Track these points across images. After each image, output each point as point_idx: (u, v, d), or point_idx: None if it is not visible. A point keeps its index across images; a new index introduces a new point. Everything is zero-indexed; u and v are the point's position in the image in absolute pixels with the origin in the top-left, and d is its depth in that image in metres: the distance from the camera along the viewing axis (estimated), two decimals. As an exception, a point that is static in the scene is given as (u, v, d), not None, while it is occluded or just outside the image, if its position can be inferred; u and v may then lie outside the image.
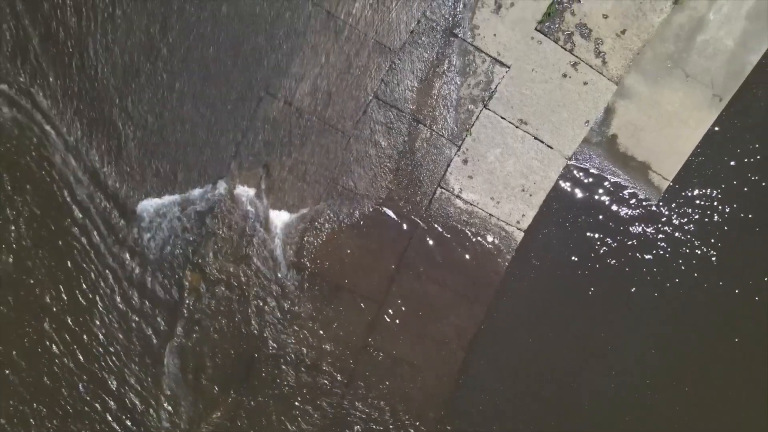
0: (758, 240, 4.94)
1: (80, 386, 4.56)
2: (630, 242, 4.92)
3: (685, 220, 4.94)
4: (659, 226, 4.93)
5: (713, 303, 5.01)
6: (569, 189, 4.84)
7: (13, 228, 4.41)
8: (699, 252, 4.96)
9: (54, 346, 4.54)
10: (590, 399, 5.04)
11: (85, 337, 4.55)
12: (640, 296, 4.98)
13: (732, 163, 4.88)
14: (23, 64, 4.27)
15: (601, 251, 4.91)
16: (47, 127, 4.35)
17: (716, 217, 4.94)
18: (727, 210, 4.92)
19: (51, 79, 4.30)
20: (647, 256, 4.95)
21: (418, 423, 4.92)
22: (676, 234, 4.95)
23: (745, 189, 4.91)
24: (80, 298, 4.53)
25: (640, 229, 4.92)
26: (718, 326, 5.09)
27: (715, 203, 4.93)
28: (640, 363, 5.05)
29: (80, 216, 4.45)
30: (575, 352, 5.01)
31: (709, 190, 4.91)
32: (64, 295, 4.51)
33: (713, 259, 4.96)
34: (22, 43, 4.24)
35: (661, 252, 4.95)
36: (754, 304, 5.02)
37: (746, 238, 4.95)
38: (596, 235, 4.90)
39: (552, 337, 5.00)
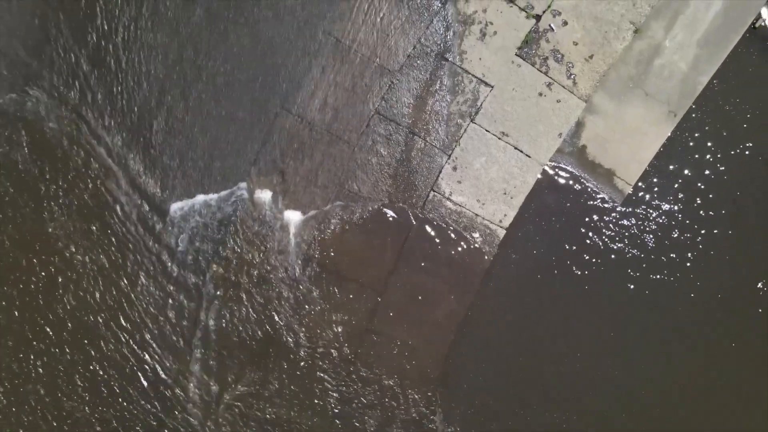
0: (709, 236, 5.67)
1: (121, 360, 5.26)
2: (597, 238, 5.64)
3: (645, 219, 5.67)
4: (623, 224, 5.65)
5: (670, 290, 5.73)
6: (545, 192, 5.54)
7: (62, 226, 5.08)
8: (655, 246, 5.68)
9: (98, 329, 5.22)
10: (560, 376, 5.75)
11: (125, 320, 5.23)
12: (606, 285, 5.68)
13: (685, 170, 5.61)
14: (73, 85, 4.94)
15: (573, 246, 5.62)
16: (92, 139, 5.03)
17: (671, 217, 5.66)
18: (681, 210, 5.65)
19: (97, 98, 4.97)
20: (612, 250, 5.66)
21: (413, 394, 5.63)
22: (637, 231, 5.67)
23: (697, 192, 5.63)
24: (121, 286, 5.21)
25: (606, 227, 5.63)
26: (680, 310, 5.80)
27: (671, 204, 5.65)
28: (604, 342, 5.76)
29: (121, 215, 5.13)
30: (550, 335, 5.72)
31: (665, 194, 5.63)
32: (107, 283, 5.19)
33: (668, 251, 5.68)
34: (72, 67, 4.91)
35: (625, 246, 5.67)
36: (706, 288, 5.75)
37: (698, 234, 5.68)
38: (568, 232, 5.60)
39: (530, 322, 5.70)
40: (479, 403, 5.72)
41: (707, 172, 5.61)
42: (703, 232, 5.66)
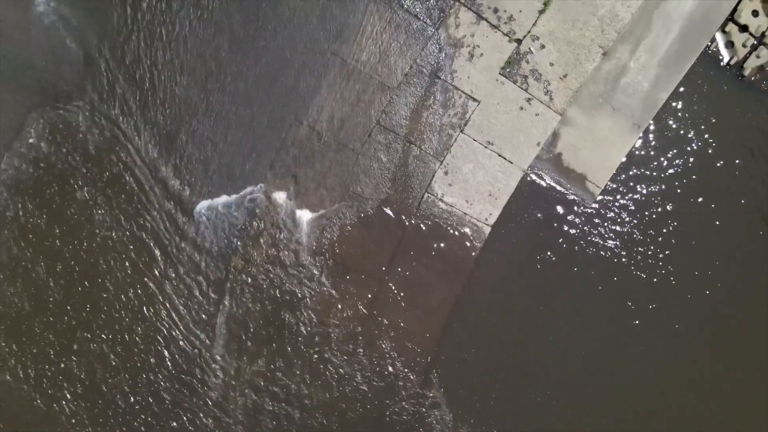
0: (668, 230, 6.45)
1: (152, 339, 5.99)
2: (571, 234, 6.39)
3: (612, 217, 6.44)
4: (593, 221, 6.42)
5: (636, 277, 6.51)
6: (526, 194, 6.28)
7: (99, 222, 5.78)
8: (622, 239, 6.45)
9: (131, 312, 5.94)
10: (541, 354, 6.52)
11: (156, 305, 5.95)
12: (580, 273, 6.43)
13: (647, 174, 6.38)
14: (111, 100, 5.63)
15: (550, 241, 6.37)
16: (129, 147, 5.72)
17: (635, 215, 6.43)
18: (644, 209, 6.42)
19: (132, 111, 5.67)
20: (585, 244, 6.43)
21: (408, 372, 6.38)
22: (606, 227, 6.44)
23: (658, 194, 6.41)
24: (150, 276, 5.92)
25: (578, 224, 6.39)
26: (646, 294, 6.57)
27: (635, 204, 6.43)
28: (579, 323, 6.51)
29: (153, 214, 5.84)
30: (532, 319, 6.44)
31: (630, 195, 6.41)
32: (139, 274, 5.90)
33: (633, 244, 6.45)
34: (111, 85, 5.60)
35: (595, 240, 6.44)
36: (666, 275, 6.53)
37: (659, 229, 6.46)
38: (546, 229, 6.34)
39: (514, 308, 6.43)
40: (470, 377, 6.45)
41: (667, 176, 6.39)
42: (663, 227, 6.45)
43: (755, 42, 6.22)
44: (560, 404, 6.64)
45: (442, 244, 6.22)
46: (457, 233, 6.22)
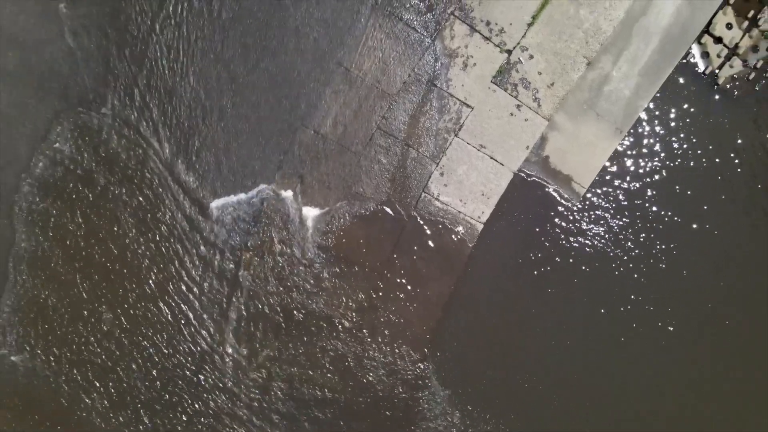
0: (647, 229, 6.92)
1: (168, 330, 6.43)
2: (558, 231, 6.85)
3: (596, 215, 6.89)
4: (578, 219, 6.87)
5: (616, 267, 6.96)
6: (515, 194, 6.73)
7: (121, 220, 6.22)
8: (604, 234, 6.91)
9: (150, 305, 6.38)
10: (530, 341, 6.98)
11: (171, 299, 6.39)
12: (565, 267, 6.87)
13: (628, 175, 6.85)
14: (131, 106, 6.07)
15: (538, 238, 6.83)
16: (148, 150, 6.16)
17: (617, 212, 6.88)
18: (625, 207, 6.87)
19: (152, 116, 6.11)
20: (570, 240, 6.89)
21: (406, 361, 6.84)
22: (590, 224, 6.89)
23: (639, 194, 6.87)
24: (167, 271, 6.36)
25: (565, 222, 6.84)
26: (624, 283, 7.03)
27: (617, 203, 6.88)
28: (563, 312, 6.94)
29: (170, 212, 6.27)
30: (520, 308, 6.87)
31: (612, 194, 6.87)
32: (157, 268, 6.34)
33: (614, 238, 6.90)
34: (131, 91, 6.04)
35: (580, 237, 6.90)
36: (643, 263, 6.99)
37: (638, 225, 6.92)
38: (534, 226, 6.80)
39: (504, 298, 6.87)
40: (462, 362, 6.89)
41: (647, 177, 6.85)
42: (641, 223, 6.91)
43: (729, 53, 6.68)
44: (559, 404, 7.00)
45: (437, 240, 6.66)
46: (451, 230, 6.67)
